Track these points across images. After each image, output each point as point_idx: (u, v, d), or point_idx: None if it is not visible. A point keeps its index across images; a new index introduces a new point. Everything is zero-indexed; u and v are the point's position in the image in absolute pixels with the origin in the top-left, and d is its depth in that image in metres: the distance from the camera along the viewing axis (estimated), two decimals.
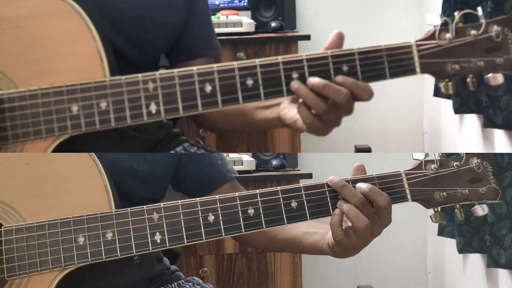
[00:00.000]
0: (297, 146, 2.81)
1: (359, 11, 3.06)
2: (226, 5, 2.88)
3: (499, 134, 2.24)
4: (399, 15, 3.07)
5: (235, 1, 2.89)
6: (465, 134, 2.54)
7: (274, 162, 2.73)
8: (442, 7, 2.38)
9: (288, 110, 1.24)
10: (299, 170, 2.77)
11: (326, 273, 3.07)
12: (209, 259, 2.66)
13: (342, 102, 1.14)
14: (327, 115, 1.15)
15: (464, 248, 2.36)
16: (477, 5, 2.21)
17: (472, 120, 2.44)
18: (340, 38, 1.16)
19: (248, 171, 2.67)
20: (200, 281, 1.42)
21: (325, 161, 3.03)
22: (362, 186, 1.18)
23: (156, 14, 1.34)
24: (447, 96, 2.44)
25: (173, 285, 1.37)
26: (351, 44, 1.16)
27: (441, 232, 2.54)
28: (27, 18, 1.15)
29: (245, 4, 2.88)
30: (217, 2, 2.88)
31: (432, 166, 1.21)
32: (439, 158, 1.22)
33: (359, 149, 2.99)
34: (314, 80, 1.14)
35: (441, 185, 1.21)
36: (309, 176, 2.70)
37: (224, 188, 1.39)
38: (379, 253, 3.03)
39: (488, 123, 2.15)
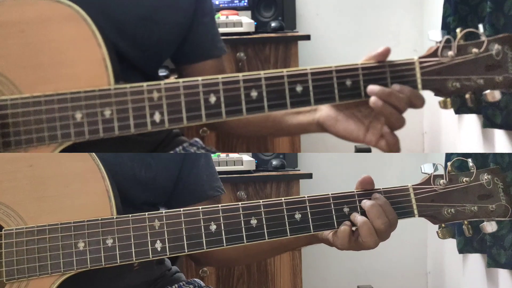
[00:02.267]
0: (297, 146, 2.81)
1: (359, 11, 3.05)
2: (226, 5, 2.88)
3: (499, 134, 2.24)
4: (399, 15, 3.07)
5: (235, 1, 2.88)
6: (465, 134, 2.53)
7: (274, 162, 2.73)
8: (443, 7, 2.37)
9: (336, 121, 1.29)
10: (299, 170, 2.77)
11: (326, 273, 3.07)
12: None
13: (404, 109, 1.17)
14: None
15: (464, 248, 2.36)
16: (477, 6, 2.22)
17: (472, 120, 2.43)
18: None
19: (248, 171, 2.66)
20: (201, 283, 1.41)
21: (325, 161, 3.03)
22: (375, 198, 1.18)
23: (161, 15, 1.32)
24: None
25: (173, 287, 1.35)
26: (351, 44, 1.16)
27: None
28: (32, 23, 1.14)
29: (245, 4, 2.88)
30: (217, 2, 2.87)
31: (441, 181, 1.19)
32: (448, 172, 1.19)
33: (359, 149, 2.98)
34: (376, 88, 1.17)
35: (450, 201, 1.19)
36: (309, 176, 2.70)
37: (201, 205, 1.35)
38: (379, 253, 3.01)
39: (488, 123, 2.15)
